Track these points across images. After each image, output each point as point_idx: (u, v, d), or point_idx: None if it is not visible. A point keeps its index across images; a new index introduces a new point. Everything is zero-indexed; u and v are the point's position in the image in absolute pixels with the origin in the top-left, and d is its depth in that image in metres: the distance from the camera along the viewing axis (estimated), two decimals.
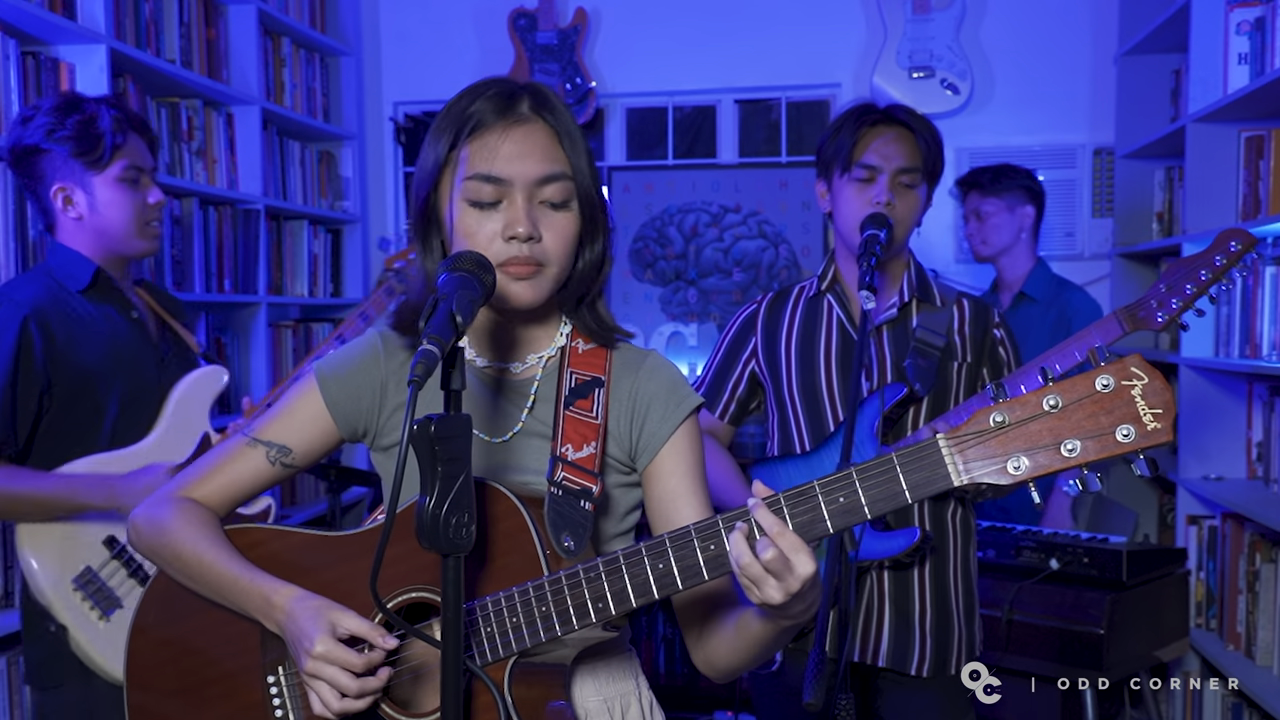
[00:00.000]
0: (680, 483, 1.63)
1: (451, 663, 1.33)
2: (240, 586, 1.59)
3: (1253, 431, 3.75)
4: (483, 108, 1.56)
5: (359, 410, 1.68)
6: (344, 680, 1.46)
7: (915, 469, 1.32)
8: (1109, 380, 1.28)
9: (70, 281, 2.53)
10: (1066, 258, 4.85)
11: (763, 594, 1.36)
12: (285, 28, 4.65)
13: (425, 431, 1.26)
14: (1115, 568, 3.16)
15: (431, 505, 1.27)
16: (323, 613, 1.50)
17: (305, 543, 1.66)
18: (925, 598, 2.50)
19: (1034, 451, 1.30)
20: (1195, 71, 3.81)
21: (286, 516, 4.48)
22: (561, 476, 1.56)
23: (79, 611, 2.44)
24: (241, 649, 1.64)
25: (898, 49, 4.77)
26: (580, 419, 1.61)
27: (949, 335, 2.53)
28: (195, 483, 1.71)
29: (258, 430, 1.70)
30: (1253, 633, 3.48)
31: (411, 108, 5.31)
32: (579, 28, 5.01)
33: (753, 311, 2.66)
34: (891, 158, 2.47)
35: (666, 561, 1.41)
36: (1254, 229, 3.45)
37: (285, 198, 4.68)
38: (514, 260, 1.53)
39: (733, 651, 1.57)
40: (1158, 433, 1.26)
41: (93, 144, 2.52)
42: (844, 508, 1.34)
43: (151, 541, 1.68)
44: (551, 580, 1.46)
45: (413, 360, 1.23)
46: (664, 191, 5.11)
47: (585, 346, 1.66)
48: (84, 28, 3.40)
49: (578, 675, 1.63)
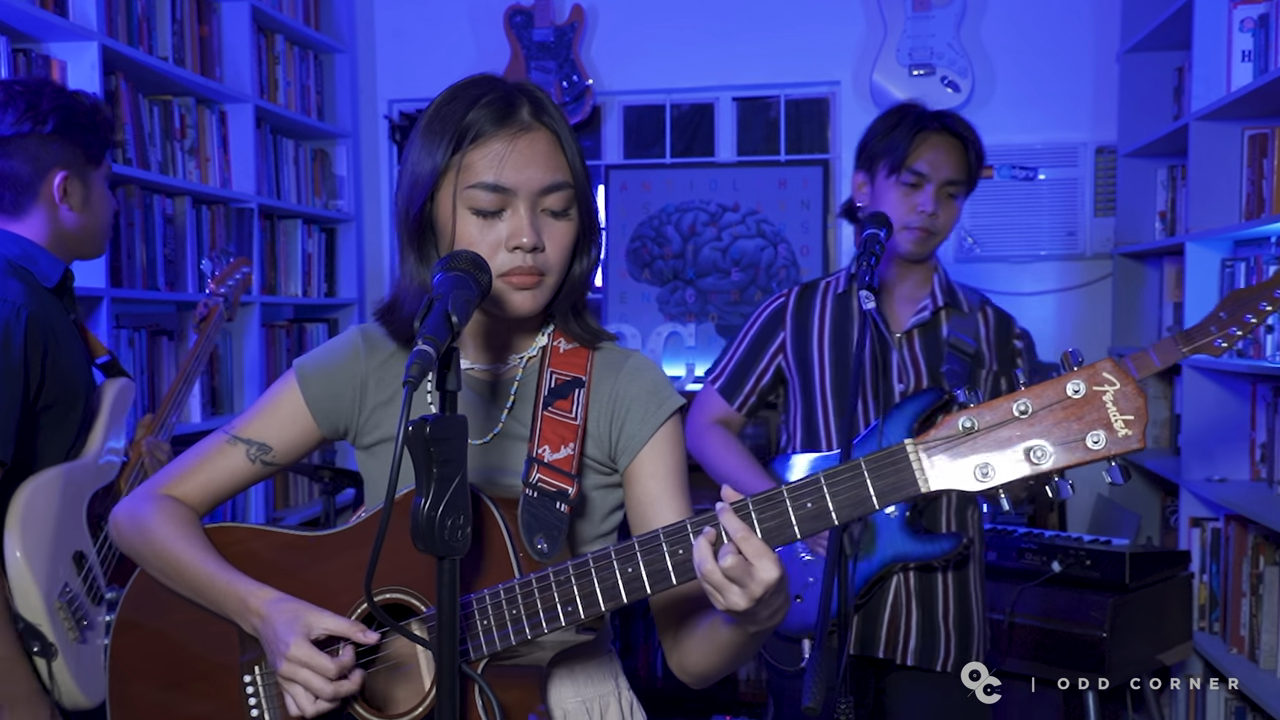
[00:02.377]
0: (659, 485, 1.62)
1: (448, 665, 1.32)
2: (217, 587, 1.59)
3: (1256, 433, 3.73)
4: (482, 116, 1.54)
5: (339, 408, 1.67)
6: (317, 684, 1.46)
7: (883, 475, 1.31)
8: (1080, 385, 1.25)
9: (39, 278, 2.37)
10: (1068, 257, 4.83)
11: (726, 600, 1.35)
12: (279, 25, 4.62)
13: (421, 433, 1.24)
14: (1118, 570, 3.15)
15: (427, 507, 1.25)
16: (299, 615, 1.50)
17: (285, 542, 1.66)
18: (949, 596, 2.56)
19: (1002, 459, 1.27)
20: (1198, 69, 3.79)
21: (280, 518, 4.45)
22: (536, 478, 1.55)
23: (62, 630, 2.28)
24: (220, 648, 1.64)
25: (898, 46, 4.75)
26: (559, 419, 1.60)
27: (978, 341, 2.57)
28: (175, 480, 1.70)
29: (238, 428, 1.69)
30: (1256, 636, 3.46)
31: (406, 106, 5.29)
32: (576, 25, 4.98)
33: (781, 304, 2.66)
34: (941, 167, 2.50)
35: (635, 566, 1.41)
36: (1256, 228, 3.45)
37: (279, 196, 4.65)
38: (517, 270, 1.52)
39: (704, 657, 1.57)
40: (1128, 440, 1.24)
41: (96, 136, 2.45)
42: (811, 513, 1.33)
43: (132, 539, 1.68)
44: (522, 583, 1.46)
45: (408, 360, 1.22)
46: (661, 190, 5.08)
47: (567, 346, 1.66)
48: (76, 25, 3.37)
49: (556, 677, 1.64)
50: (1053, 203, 4.82)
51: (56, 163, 2.39)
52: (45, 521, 2.29)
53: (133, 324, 3.75)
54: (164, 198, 3.86)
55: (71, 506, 2.36)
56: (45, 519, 2.29)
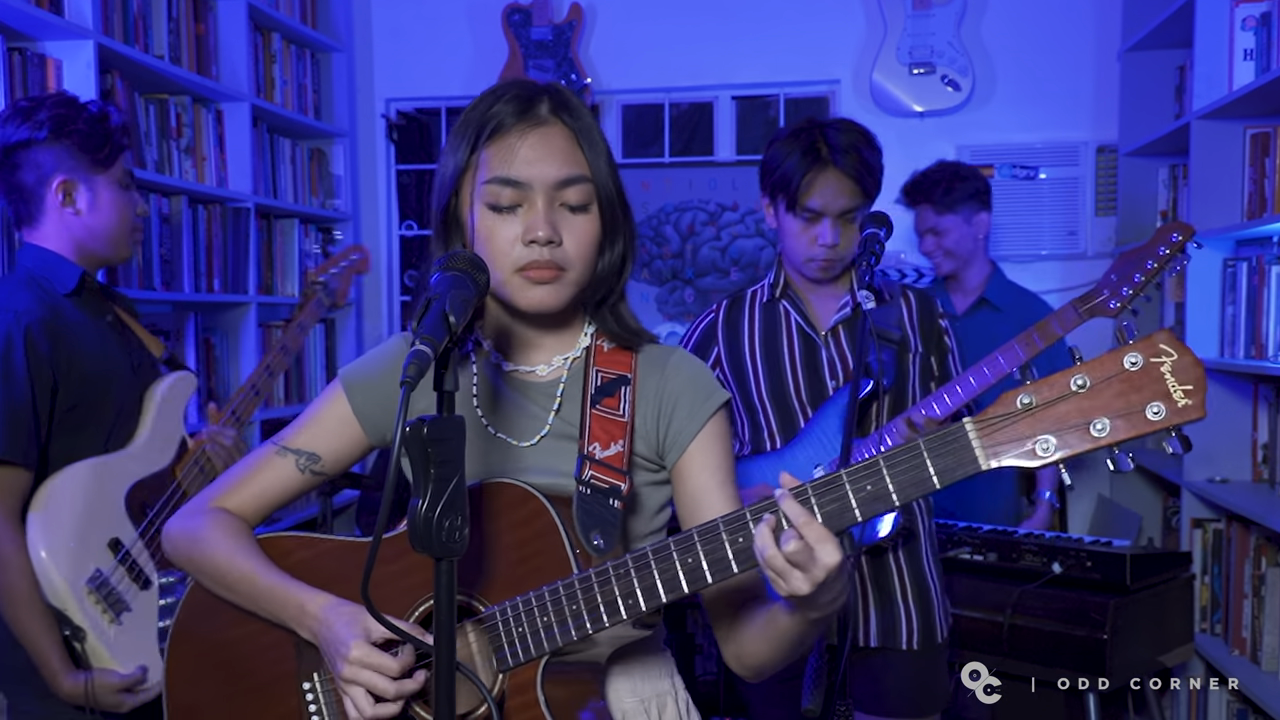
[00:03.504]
0: (709, 479, 1.63)
1: (446, 665, 1.32)
2: (274, 595, 1.61)
3: (1258, 434, 3.72)
4: (502, 110, 1.57)
5: (387, 416, 1.69)
6: (380, 684, 1.47)
7: (942, 454, 1.31)
8: (1138, 358, 1.25)
9: (57, 285, 2.48)
10: (1069, 257, 4.82)
11: (789, 586, 1.35)
12: (276, 23, 4.61)
13: (418, 433, 1.25)
14: (1119, 572, 3.13)
15: (424, 508, 1.26)
16: (357, 618, 1.51)
17: (337, 549, 1.68)
18: (904, 576, 2.65)
19: (1063, 432, 1.28)
20: (1200, 68, 3.78)
21: (276, 520, 4.43)
22: (589, 475, 1.56)
23: (94, 615, 2.39)
24: (277, 658, 1.66)
25: (898, 44, 4.73)
26: (607, 417, 1.61)
27: (901, 328, 2.67)
28: (226, 493, 1.73)
29: (287, 439, 1.72)
30: (1258, 638, 3.46)
31: (404, 105, 5.28)
32: (574, 23, 4.96)
33: (710, 321, 2.79)
34: (834, 200, 2.57)
35: (695, 556, 1.41)
36: (1259, 227, 3.45)
37: (276, 196, 4.64)
38: (534, 264, 1.54)
39: (763, 646, 1.57)
40: (1189, 409, 1.24)
41: (103, 141, 2.50)
42: (872, 495, 1.33)
43: (186, 553, 1.69)
44: (581, 578, 1.47)
45: (404, 361, 1.22)
46: (660, 189, 5.06)
47: (610, 345, 1.67)
48: (71, 23, 3.36)
49: (612, 675, 1.64)
50: (1053, 202, 4.81)
51: (56, 168, 2.48)
52: (69, 513, 2.38)
53: None
54: (160, 197, 3.84)
55: (106, 496, 2.46)
56: (69, 511, 2.39)
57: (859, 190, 2.58)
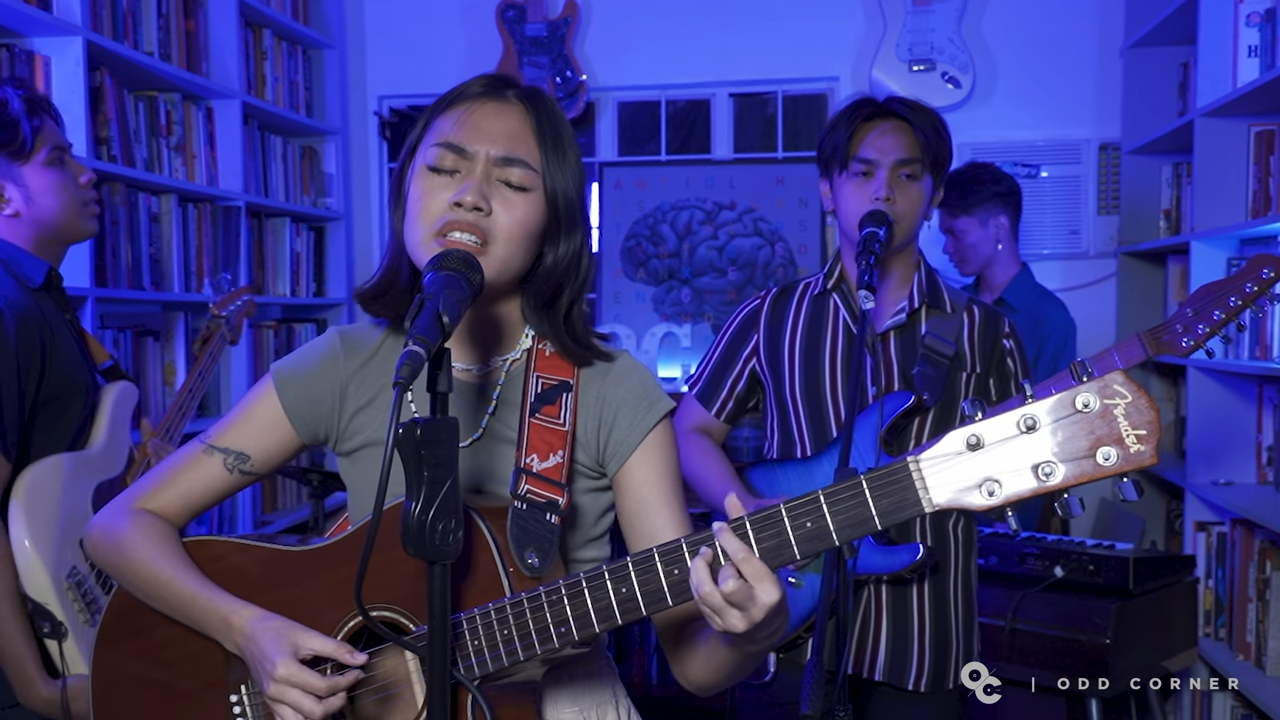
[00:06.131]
0: (651, 491, 1.59)
1: (440, 675, 1.30)
2: (199, 605, 1.54)
3: (1263, 435, 3.70)
4: (471, 85, 1.57)
5: (318, 414, 1.63)
6: (307, 704, 1.42)
7: (884, 494, 1.26)
8: (1091, 399, 1.21)
9: (28, 281, 2.37)
10: (1071, 256, 4.79)
11: (725, 623, 1.30)
12: (267, 19, 4.57)
13: (411, 435, 1.22)
14: (1122, 575, 3.10)
15: (418, 511, 1.23)
16: (284, 634, 1.46)
17: (268, 557, 1.61)
18: (924, 612, 2.46)
19: (1010, 475, 1.23)
20: (1204, 64, 3.76)
21: (268, 523, 4.39)
22: (525, 489, 1.51)
23: (72, 612, 2.31)
24: (205, 666, 1.60)
25: (897, 41, 4.70)
26: (547, 426, 1.56)
27: (959, 344, 2.47)
28: (151, 492, 1.66)
29: (214, 436, 1.65)
30: (1263, 642, 3.44)
31: (396, 102, 5.24)
32: (569, 19, 4.93)
33: (755, 307, 2.60)
34: (889, 150, 2.40)
35: (630, 586, 1.36)
36: (1263, 226, 3.43)
37: (267, 194, 4.60)
38: (455, 224, 1.47)
39: (706, 673, 1.54)
40: (1141, 455, 1.20)
41: (11, 132, 2.35)
42: (811, 534, 1.29)
43: (107, 555, 1.63)
44: (513, 602, 1.42)
45: (398, 361, 1.20)
46: (657, 188, 5.02)
47: (552, 349, 1.61)
48: (59, 19, 3.33)
49: (552, 690, 1.60)
50: (1055, 201, 4.78)
51: None
52: (50, 504, 2.31)
53: (118, 324, 3.71)
54: (149, 195, 3.80)
55: (78, 493, 2.38)
56: (50, 502, 2.31)
57: (915, 141, 2.40)
